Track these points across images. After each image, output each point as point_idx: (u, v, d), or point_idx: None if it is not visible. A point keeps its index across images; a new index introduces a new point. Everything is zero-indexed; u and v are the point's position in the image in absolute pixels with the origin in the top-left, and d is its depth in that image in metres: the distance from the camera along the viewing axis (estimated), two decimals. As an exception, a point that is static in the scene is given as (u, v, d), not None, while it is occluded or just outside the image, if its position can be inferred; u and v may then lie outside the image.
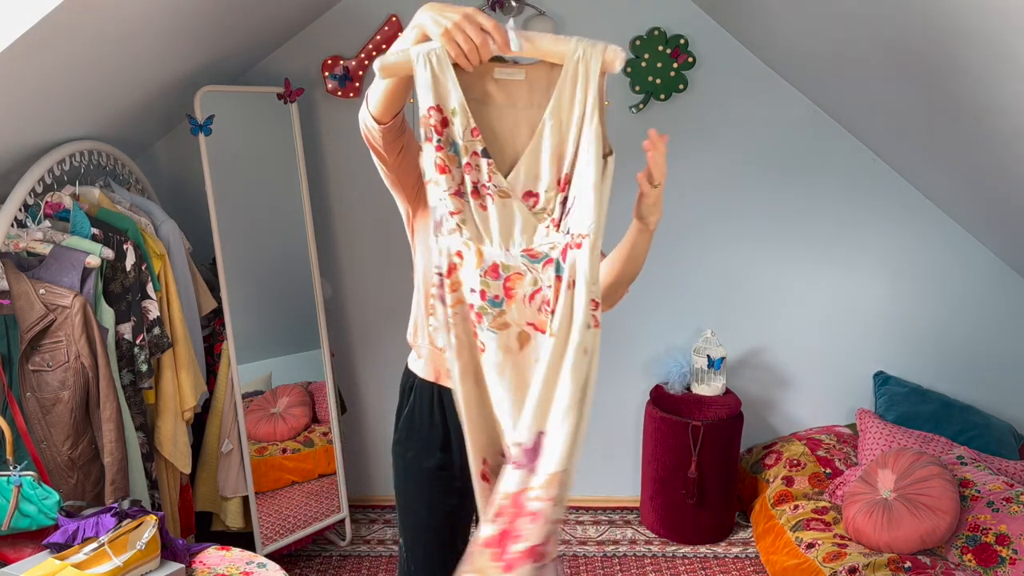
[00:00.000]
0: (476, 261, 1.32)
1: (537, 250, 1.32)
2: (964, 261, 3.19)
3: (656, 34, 2.96)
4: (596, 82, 1.29)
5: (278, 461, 2.86)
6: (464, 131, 1.30)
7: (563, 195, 1.31)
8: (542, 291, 1.30)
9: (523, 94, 1.33)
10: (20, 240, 2.08)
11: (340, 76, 2.97)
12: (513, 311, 1.32)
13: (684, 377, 3.13)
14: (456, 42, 1.25)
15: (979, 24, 1.74)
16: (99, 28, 1.83)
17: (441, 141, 1.30)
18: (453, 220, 1.32)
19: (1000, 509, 2.40)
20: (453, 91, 1.29)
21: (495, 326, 1.32)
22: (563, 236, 1.30)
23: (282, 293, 2.92)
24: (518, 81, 1.32)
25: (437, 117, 1.29)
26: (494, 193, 1.31)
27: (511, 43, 1.27)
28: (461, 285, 1.33)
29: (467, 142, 1.30)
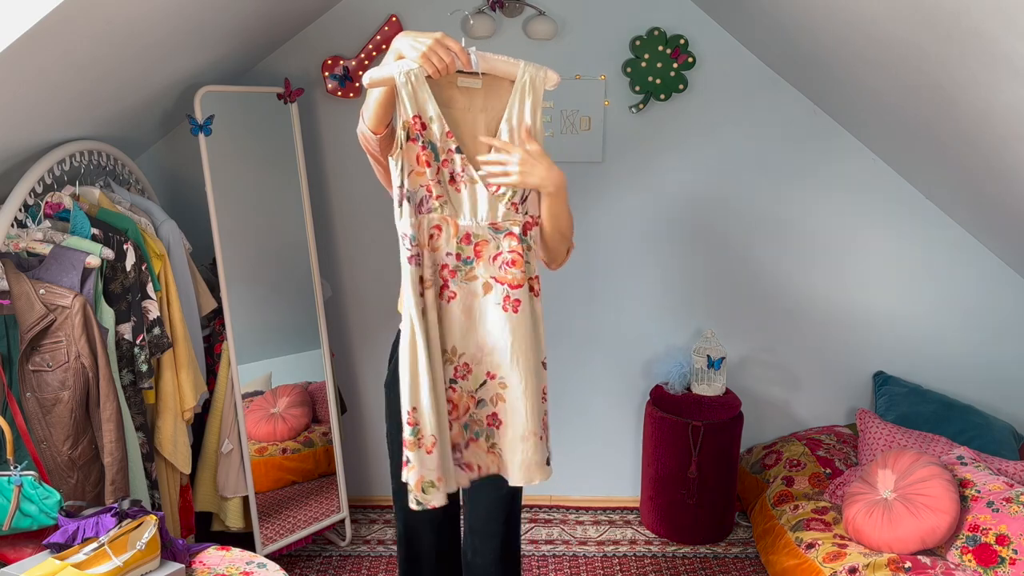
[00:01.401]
0: (453, 231, 1.73)
1: (501, 224, 1.74)
2: (964, 261, 3.19)
3: (656, 34, 2.96)
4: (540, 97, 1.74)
5: (278, 461, 2.86)
6: (440, 134, 1.70)
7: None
8: (502, 254, 1.74)
9: (479, 99, 1.74)
10: (20, 240, 2.08)
11: (340, 76, 2.97)
12: (480, 268, 1.75)
13: (684, 377, 3.13)
14: (432, 61, 1.64)
15: (980, 24, 1.74)
16: (99, 28, 1.83)
17: (423, 141, 1.69)
18: (436, 202, 1.72)
19: (1000, 509, 2.40)
20: (429, 102, 1.67)
21: (466, 279, 1.75)
22: (522, 216, 1.75)
23: (282, 293, 2.92)
24: (475, 89, 1.73)
25: (419, 123, 1.68)
26: (466, 180, 1.72)
27: (472, 63, 1.68)
28: (438, 250, 1.74)
29: (442, 143, 1.70)
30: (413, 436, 1.73)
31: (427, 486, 1.75)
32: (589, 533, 3.18)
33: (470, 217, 1.73)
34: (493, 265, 1.74)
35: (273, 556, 2.75)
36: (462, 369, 1.79)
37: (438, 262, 1.74)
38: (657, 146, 3.11)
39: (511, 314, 1.74)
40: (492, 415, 1.82)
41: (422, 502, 1.75)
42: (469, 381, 1.80)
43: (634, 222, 3.18)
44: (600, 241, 3.18)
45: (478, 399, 1.81)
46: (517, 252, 1.73)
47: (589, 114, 3.05)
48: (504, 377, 1.78)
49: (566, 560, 2.99)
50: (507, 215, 1.73)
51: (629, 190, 3.16)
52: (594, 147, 3.08)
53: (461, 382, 1.79)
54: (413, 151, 1.69)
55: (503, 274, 1.74)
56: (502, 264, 1.74)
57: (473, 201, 1.73)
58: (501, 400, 1.80)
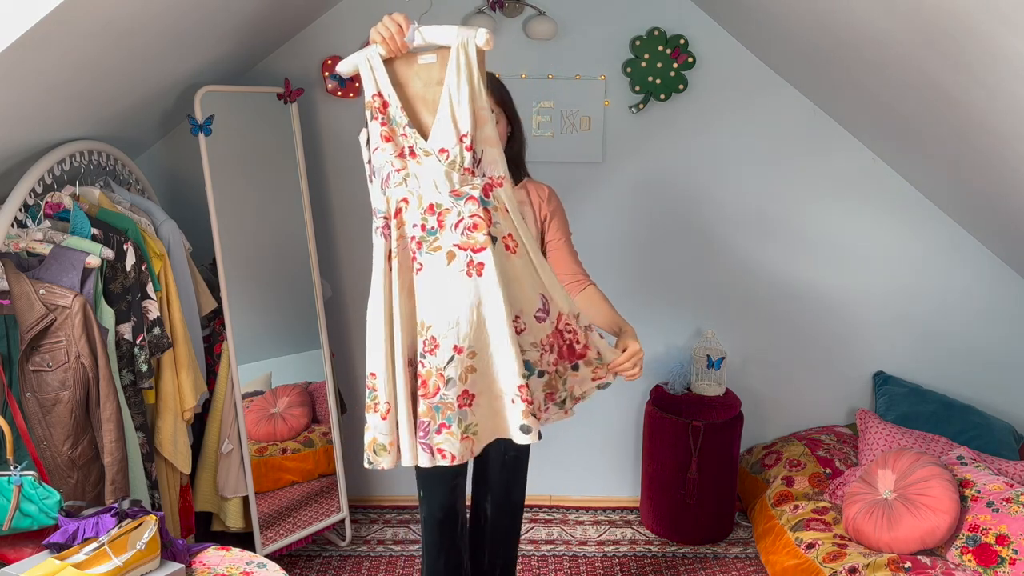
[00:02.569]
0: (417, 203, 1.78)
1: (460, 190, 1.77)
2: (964, 261, 3.19)
3: (656, 34, 2.96)
4: (476, 61, 1.73)
5: (278, 461, 2.86)
6: (397, 110, 1.77)
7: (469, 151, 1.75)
8: (463, 220, 1.76)
9: (435, 74, 1.77)
10: (20, 240, 2.08)
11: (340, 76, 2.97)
12: (443, 237, 1.77)
13: (684, 377, 3.13)
14: (380, 32, 1.75)
15: (979, 24, 1.74)
16: (99, 28, 1.83)
17: (384, 118, 1.78)
18: (399, 175, 1.78)
19: (1000, 509, 2.40)
20: (384, 82, 1.77)
21: (431, 250, 1.78)
22: (480, 179, 1.78)
23: (282, 293, 2.92)
24: (432, 64, 1.76)
25: (379, 101, 1.77)
26: (420, 153, 1.77)
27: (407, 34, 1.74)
28: (405, 224, 1.80)
29: (400, 117, 1.77)
30: (370, 400, 1.86)
31: (379, 448, 1.86)
32: (589, 533, 3.18)
33: (431, 188, 1.77)
34: (455, 232, 1.76)
35: (273, 556, 2.75)
36: (430, 343, 1.80)
37: (406, 235, 1.80)
38: (657, 146, 3.11)
39: (475, 278, 1.76)
40: (463, 393, 1.80)
41: (372, 463, 1.87)
42: (437, 357, 1.80)
43: (634, 222, 3.18)
44: (600, 241, 3.18)
45: (447, 378, 1.79)
46: (478, 215, 1.75)
47: (589, 114, 3.05)
48: (471, 346, 1.78)
49: (566, 560, 2.99)
50: (464, 179, 1.76)
51: (629, 190, 3.16)
52: (594, 147, 3.08)
53: (430, 357, 1.80)
54: (376, 128, 1.78)
55: (465, 240, 1.76)
56: (464, 230, 1.76)
57: (432, 173, 1.76)
58: (471, 371, 1.80)
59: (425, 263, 1.78)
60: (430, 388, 1.81)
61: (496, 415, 1.85)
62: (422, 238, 1.78)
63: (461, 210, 1.76)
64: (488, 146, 1.77)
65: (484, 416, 1.83)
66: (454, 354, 1.79)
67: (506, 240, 1.80)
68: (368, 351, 1.86)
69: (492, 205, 1.78)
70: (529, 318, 1.84)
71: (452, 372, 1.79)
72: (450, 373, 1.79)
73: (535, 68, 3.03)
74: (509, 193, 1.80)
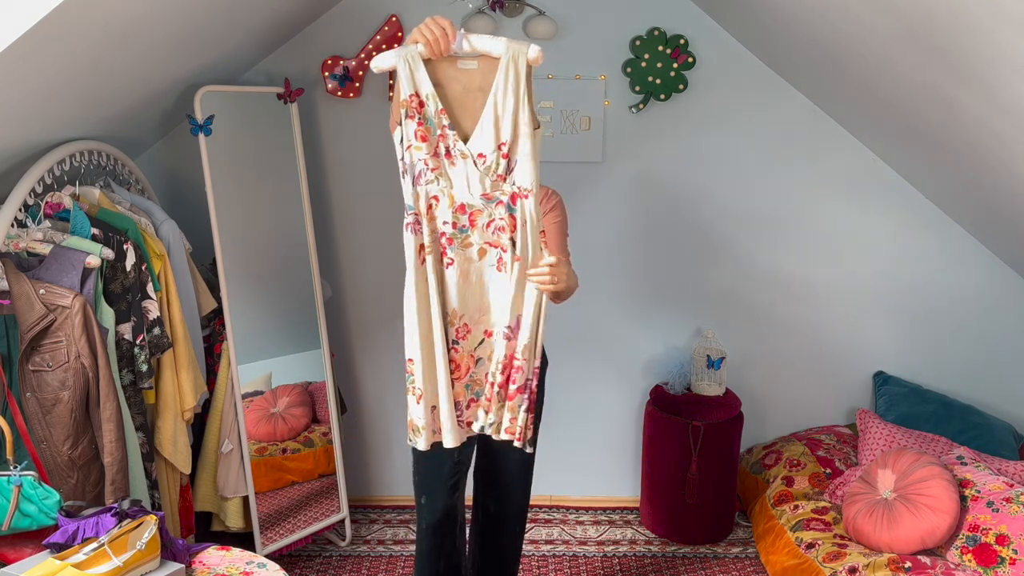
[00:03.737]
0: (449, 202, 1.86)
1: (491, 194, 1.86)
2: (964, 261, 3.19)
3: (656, 34, 2.96)
4: (525, 75, 1.82)
5: (278, 461, 2.86)
6: (435, 111, 1.82)
7: (505, 159, 1.84)
8: (495, 221, 1.88)
9: (476, 80, 1.84)
10: (20, 240, 2.08)
11: (340, 76, 2.97)
12: (475, 235, 1.89)
13: (684, 377, 3.13)
14: (424, 35, 1.79)
15: (979, 23, 1.74)
16: (99, 28, 1.83)
17: (420, 118, 1.82)
18: (432, 174, 1.85)
19: (1000, 509, 2.40)
20: (424, 82, 1.82)
21: (462, 246, 1.90)
22: (510, 186, 1.86)
23: (282, 293, 2.92)
24: (472, 70, 1.83)
25: (416, 101, 1.82)
26: (457, 154, 1.84)
27: (455, 42, 1.80)
28: (436, 219, 1.88)
29: (437, 118, 1.83)
30: (409, 383, 1.97)
31: (415, 429, 1.99)
32: (589, 533, 3.18)
33: (463, 189, 1.85)
34: (487, 231, 1.89)
35: (273, 556, 2.75)
36: (462, 330, 1.95)
37: (436, 230, 1.88)
38: (657, 146, 3.11)
39: (504, 274, 1.91)
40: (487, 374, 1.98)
41: (412, 440, 2.01)
42: (469, 341, 1.96)
43: (634, 222, 3.18)
44: (600, 241, 3.18)
45: (476, 357, 1.98)
46: (506, 220, 1.87)
47: (589, 114, 3.05)
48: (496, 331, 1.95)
49: (566, 560, 2.99)
50: (495, 185, 1.85)
51: (629, 190, 3.16)
52: (594, 147, 3.08)
53: (462, 342, 1.96)
54: (411, 127, 1.83)
55: (495, 238, 1.89)
56: (495, 230, 1.89)
57: (466, 174, 1.85)
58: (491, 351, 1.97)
59: (456, 258, 1.89)
60: (463, 369, 1.97)
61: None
62: (453, 235, 1.88)
63: (492, 212, 1.87)
64: (523, 158, 1.84)
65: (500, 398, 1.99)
66: (484, 338, 1.96)
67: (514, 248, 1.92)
68: (407, 337, 1.94)
69: (515, 213, 1.88)
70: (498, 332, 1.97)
71: (482, 353, 1.97)
72: (479, 353, 1.97)
73: (535, 68, 3.02)
74: (534, 205, 1.87)
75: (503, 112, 1.82)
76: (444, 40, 1.79)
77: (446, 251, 1.90)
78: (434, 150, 1.84)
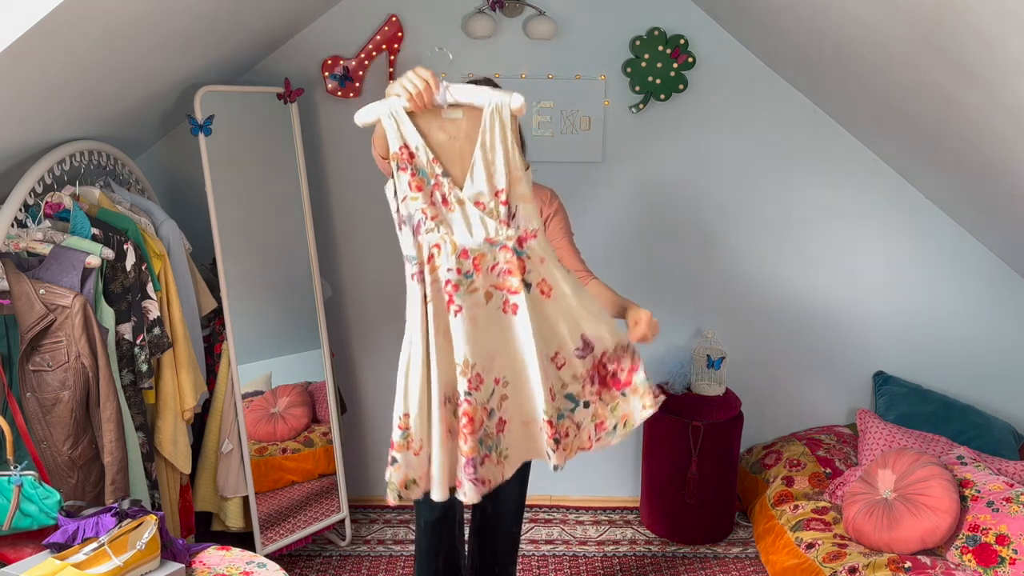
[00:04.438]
0: (451, 249, 1.83)
1: (494, 239, 1.84)
2: (964, 261, 3.19)
3: (656, 34, 2.96)
4: (511, 124, 1.80)
5: (278, 461, 2.86)
6: (427, 161, 1.81)
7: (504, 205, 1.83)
8: (499, 265, 1.86)
9: (462, 130, 1.83)
10: (20, 240, 2.08)
11: (340, 76, 2.97)
12: (480, 279, 1.85)
13: (684, 377, 3.13)
14: (406, 88, 1.77)
15: (979, 22, 1.74)
16: (99, 28, 1.83)
17: (412, 168, 1.81)
18: (432, 222, 1.82)
19: (1000, 509, 2.40)
20: (412, 134, 1.81)
21: (469, 292, 1.84)
22: (515, 230, 1.85)
23: (282, 293, 2.92)
24: (459, 120, 1.82)
25: (406, 152, 1.81)
26: (455, 201, 1.83)
27: (438, 95, 1.78)
28: (438, 268, 1.83)
29: (430, 168, 1.82)
30: (403, 439, 1.89)
31: (409, 483, 1.93)
32: (589, 533, 3.18)
33: (465, 234, 1.83)
34: (492, 274, 1.85)
35: (273, 556, 2.75)
36: (475, 380, 1.87)
37: (440, 279, 1.84)
38: (657, 146, 3.11)
39: (510, 316, 1.87)
40: (499, 421, 1.92)
41: (404, 497, 1.93)
42: (482, 392, 1.88)
43: (634, 222, 3.18)
44: (600, 241, 3.18)
45: (489, 409, 1.90)
46: (512, 263, 1.84)
47: (589, 114, 3.05)
48: (506, 377, 1.89)
49: (566, 560, 2.99)
50: (499, 230, 1.83)
51: (629, 190, 3.16)
52: (594, 147, 3.08)
53: (475, 394, 1.87)
54: (404, 179, 1.82)
55: (501, 281, 1.86)
56: (499, 273, 1.86)
57: (466, 220, 1.83)
58: (504, 399, 1.91)
59: (464, 304, 1.84)
60: (476, 423, 1.88)
61: (529, 439, 1.97)
62: (458, 281, 1.83)
63: (497, 256, 1.84)
64: (523, 202, 1.84)
65: (515, 441, 1.95)
66: (494, 387, 1.90)
67: (540, 286, 1.89)
68: (400, 394, 1.89)
69: (526, 255, 1.86)
70: (569, 355, 1.94)
71: (493, 403, 1.91)
72: (492, 404, 1.90)
73: (535, 68, 3.03)
74: (543, 243, 1.89)
75: (493, 160, 1.81)
76: (428, 93, 1.77)
77: (453, 298, 1.84)
78: (430, 199, 1.82)
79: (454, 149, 1.83)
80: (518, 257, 1.85)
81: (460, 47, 3.01)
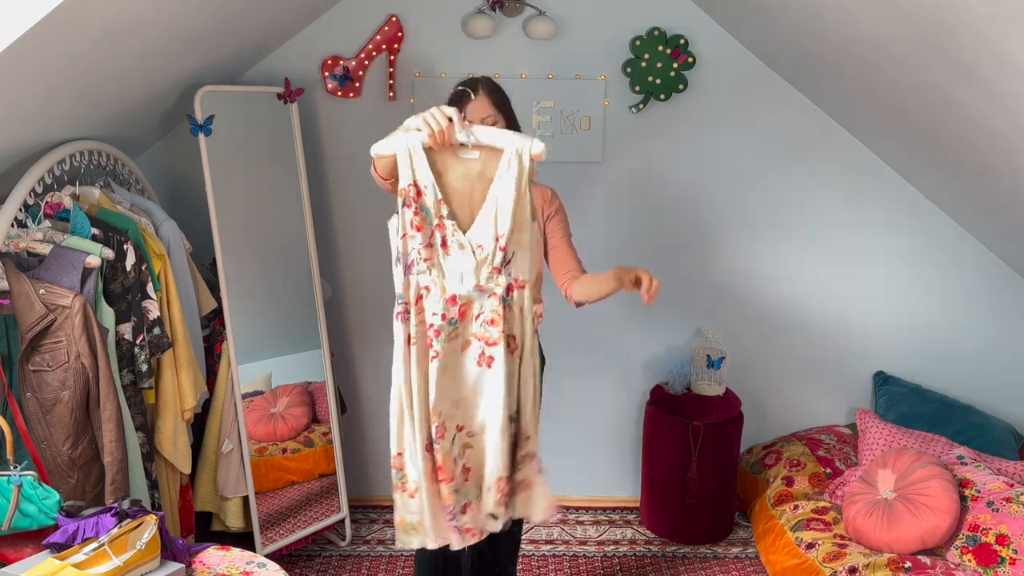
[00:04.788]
0: (440, 293, 1.83)
1: (484, 286, 1.84)
2: (964, 261, 3.19)
3: (656, 34, 2.96)
4: (527, 168, 1.81)
5: (278, 461, 2.86)
6: (433, 201, 1.82)
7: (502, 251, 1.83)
8: (484, 314, 1.85)
9: (476, 170, 1.83)
10: (20, 240, 2.08)
11: (340, 76, 2.97)
12: (463, 328, 1.85)
13: (684, 377, 3.13)
14: (429, 124, 1.77)
15: (979, 23, 1.74)
16: (100, 28, 1.83)
17: (417, 207, 1.82)
18: (424, 264, 1.83)
19: (1000, 509, 2.40)
20: (424, 172, 1.81)
21: (449, 339, 1.85)
22: (505, 278, 1.85)
23: (282, 293, 2.92)
24: (474, 159, 1.83)
25: (414, 190, 1.82)
26: (455, 245, 1.83)
27: (459, 133, 1.79)
28: (425, 311, 1.84)
29: (436, 208, 1.82)
30: (398, 480, 1.92)
31: (408, 528, 1.92)
32: (589, 533, 3.18)
33: (456, 280, 1.83)
34: (476, 323, 1.86)
35: (273, 556, 2.75)
36: (440, 429, 1.88)
37: (425, 322, 1.85)
38: (657, 146, 3.11)
39: (484, 368, 1.87)
40: (463, 468, 1.92)
41: (403, 542, 1.94)
42: (446, 440, 1.89)
43: (634, 222, 3.18)
44: (600, 241, 3.18)
45: (453, 457, 1.91)
46: (497, 312, 1.85)
47: (589, 114, 3.05)
48: (469, 427, 1.90)
49: (566, 560, 2.99)
50: (491, 277, 1.84)
51: (629, 190, 3.16)
52: (594, 147, 3.08)
53: (440, 442, 1.88)
54: (408, 216, 1.82)
55: (482, 331, 1.86)
56: (483, 322, 1.86)
57: (460, 265, 1.84)
58: (468, 448, 1.92)
59: (441, 351, 1.84)
60: (447, 472, 1.89)
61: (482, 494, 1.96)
62: (441, 327, 1.84)
63: (483, 304, 1.85)
64: (520, 249, 1.85)
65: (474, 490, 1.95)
66: (456, 433, 1.90)
67: (510, 340, 1.88)
68: (393, 432, 1.91)
69: (510, 303, 1.87)
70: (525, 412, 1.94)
71: (456, 451, 1.91)
72: (455, 453, 1.91)
73: (535, 68, 3.03)
74: (528, 296, 1.89)
75: (504, 205, 1.81)
76: (449, 132, 1.78)
77: (432, 343, 1.85)
78: (428, 240, 1.83)
79: (464, 190, 1.83)
80: (504, 306, 1.86)
81: (460, 47, 3.01)
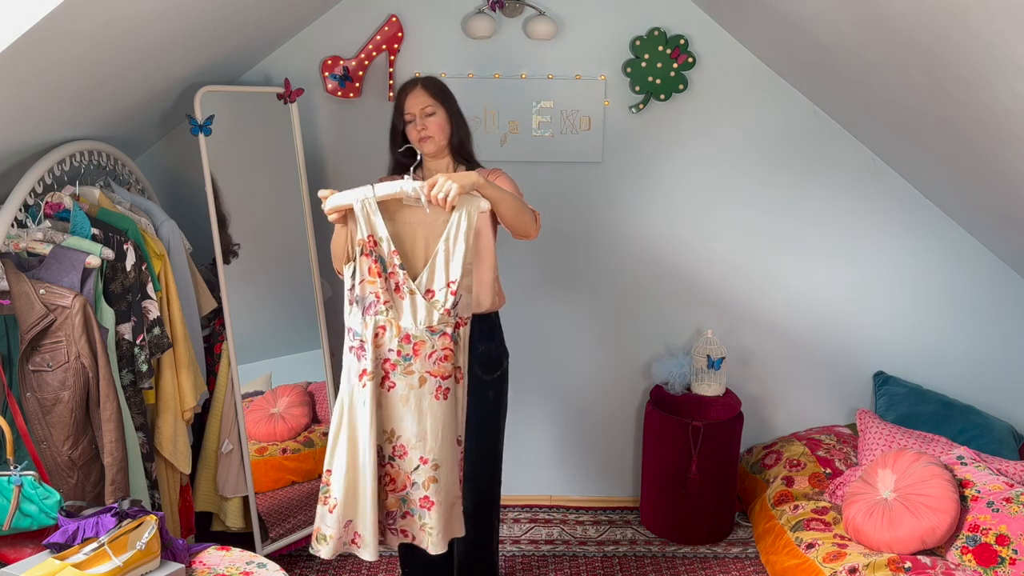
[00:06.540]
0: (395, 332, 2.00)
1: (436, 327, 2.02)
2: (964, 261, 3.19)
3: (656, 34, 2.96)
4: (473, 221, 2.01)
5: (278, 461, 2.86)
6: (388, 252, 2.00)
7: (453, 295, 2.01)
8: (436, 352, 2.03)
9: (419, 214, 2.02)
10: (20, 240, 2.08)
11: (340, 76, 2.97)
12: (417, 364, 2.02)
13: (684, 377, 3.13)
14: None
15: (980, 23, 1.74)
16: (100, 28, 1.83)
17: (374, 255, 1.99)
18: (383, 306, 2.00)
19: (1000, 509, 2.40)
20: (380, 226, 1.98)
21: (405, 373, 2.02)
22: (453, 319, 2.04)
23: (282, 293, 2.92)
24: (421, 207, 1.99)
25: (371, 241, 1.99)
26: (407, 291, 2.01)
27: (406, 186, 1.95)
28: (382, 346, 2.01)
29: (389, 258, 2.00)
30: (323, 493, 2.06)
31: (320, 538, 2.06)
32: (589, 533, 3.18)
33: (410, 321, 2.01)
34: (428, 361, 2.02)
35: (273, 556, 2.75)
36: (399, 449, 2.05)
37: (381, 356, 2.01)
38: (657, 146, 3.11)
39: (442, 401, 2.04)
40: (424, 498, 2.06)
41: (314, 551, 2.06)
42: (405, 462, 2.06)
43: (634, 222, 3.18)
44: (600, 241, 3.18)
45: (413, 480, 2.06)
46: (448, 349, 2.03)
47: (589, 114, 3.05)
48: (435, 459, 2.05)
49: (566, 560, 2.99)
50: (441, 319, 2.01)
51: (629, 190, 3.16)
52: (594, 147, 3.08)
53: (399, 461, 2.06)
54: (366, 264, 1.99)
55: (435, 368, 2.03)
56: (436, 360, 2.03)
57: (413, 308, 2.01)
58: (433, 482, 2.05)
59: (397, 382, 2.02)
60: (399, 484, 2.07)
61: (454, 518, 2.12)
62: (396, 361, 2.01)
63: (435, 343, 2.02)
64: (466, 292, 2.03)
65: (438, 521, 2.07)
66: (419, 464, 2.05)
67: (456, 372, 2.07)
68: (329, 451, 2.05)
69: (456, 339, 2.06)
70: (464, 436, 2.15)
71: (418, 478, 2.06)
72: (416, 478, 2.06)
73: (535, 68, 3.03)
74: (467, 331, 2.08)
75: (453, 255, 2.00)
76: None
77: (389, 375, 2.02)
78: (386, 284, 2.00)
79: (407, 233, 2.02)
80: (452, 342, 2.04)
81: (460, 47, 3.01)
